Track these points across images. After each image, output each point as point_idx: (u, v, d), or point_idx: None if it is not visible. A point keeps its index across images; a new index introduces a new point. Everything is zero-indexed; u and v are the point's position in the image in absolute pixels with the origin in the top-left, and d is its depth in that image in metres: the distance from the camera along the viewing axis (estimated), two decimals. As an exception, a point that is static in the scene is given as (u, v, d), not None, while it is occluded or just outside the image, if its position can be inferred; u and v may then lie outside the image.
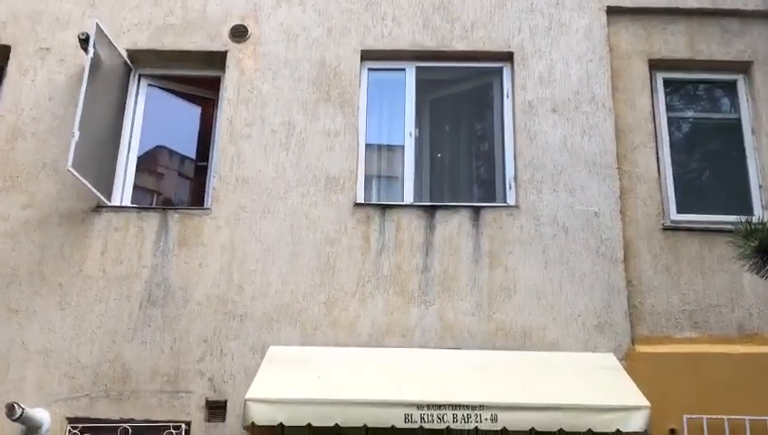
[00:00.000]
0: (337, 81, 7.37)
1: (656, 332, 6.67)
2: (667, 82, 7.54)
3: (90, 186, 6.76)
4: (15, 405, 5.99)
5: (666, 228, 6.95)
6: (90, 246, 6.86)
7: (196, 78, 7.73)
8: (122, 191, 7.25)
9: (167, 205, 7.30)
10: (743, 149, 7.36)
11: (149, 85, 7.63)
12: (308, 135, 7.19)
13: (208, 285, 6.75)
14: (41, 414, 6.29)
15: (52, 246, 6.86)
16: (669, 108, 7.49)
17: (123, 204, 7.19)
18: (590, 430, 5.48)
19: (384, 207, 7.01)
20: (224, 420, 6.35)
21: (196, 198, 7.50)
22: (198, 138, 7.85)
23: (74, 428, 6.34)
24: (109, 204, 7.04)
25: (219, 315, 6.65)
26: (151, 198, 7.68)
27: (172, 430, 6.31)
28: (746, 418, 6.17)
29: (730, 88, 7.58)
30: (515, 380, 6.02)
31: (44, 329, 6.61)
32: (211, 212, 6.97)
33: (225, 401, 6.39)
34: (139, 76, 7.61)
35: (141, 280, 6.76)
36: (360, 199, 7.09)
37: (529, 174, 7.05)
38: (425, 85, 7.63)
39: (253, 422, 5.46)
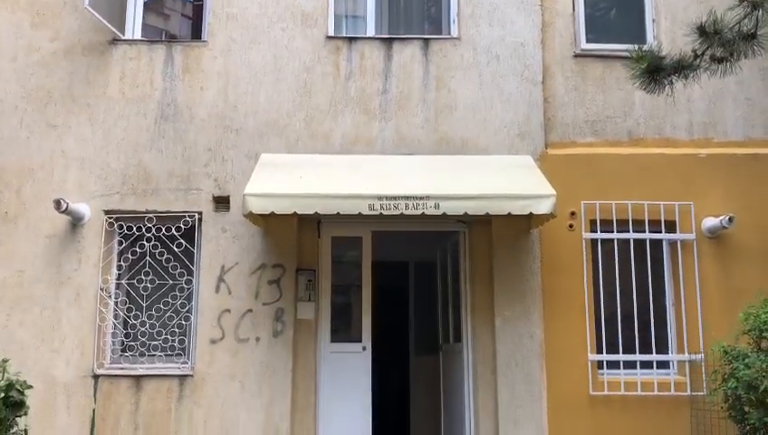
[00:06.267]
0: (309, -71, 7.16)
1: (564, 138, 7.00)
2: (583, -64, 7.36)
3: (105, 22, 6.80)
4: (61, 200, 6.39)
5: (576, 55, 7.14)
6: (110, 72, 6.96)
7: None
8: (133, 27, 7.23)
9: (172, 40, 7.31)
10: (641, -9, 7.34)
11: (151, -65, 7.37)
12: (286, -24, 7.08)
13: (209, 105, 6.92)
14: (82, 208, 6.66)
15: (79, 72, 6.96)
16: (584, -43, 7.34)
17: (135, 38, 7.18)
18: (509, 213, 5.85)
19: (351, 40, 7.08)
20: (228, 210, 6.72)
21: (196, 34, 7.42)
22: (195, -20, 7.62)
23: (110, 217, 6.73)
24: (123, 37, 7.07)
25: (219, 129, 6.87)
26: (159, 35, 7.57)
27: (188, 218, 6.71)
28: (629, 202, 6.72)
29: (633, -61, 7.41)
30: (454, 177, 6.33)
31: (79, 140, 6.84)
32: (207, 44, 7.04)
33: (228, 196, 6.73)
34: (142, -72, 7.31)
35: (154, 101, 6.92)
36: (331, 33, 7.14)
37: (469, 10, 7.14)
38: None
39: (251, 211, 5.77)
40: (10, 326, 6.53)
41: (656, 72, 5.33)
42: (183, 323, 6.71)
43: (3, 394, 4.47)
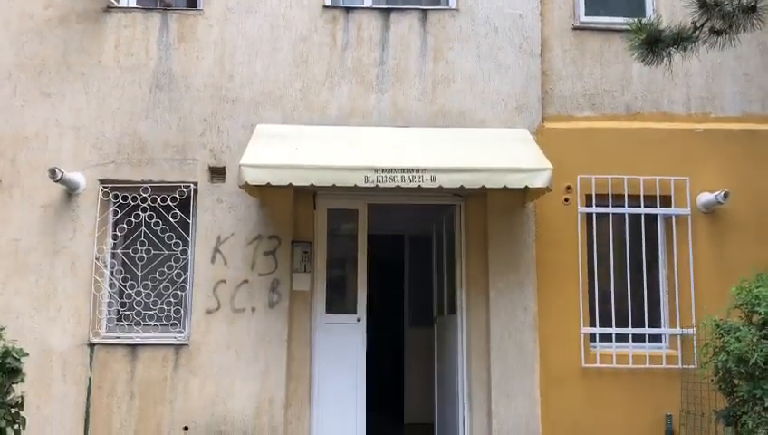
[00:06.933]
0: None
1: (561, 112, 6.95)
2: None
3: (99, -12, 6.71)
4: (56, 169, 6.34)
5: (575, 28, 7.06)
6: (105, 40, 6.87)
7: None
8: (128, -5, 7.13)
9: (167, 8, 7.10)
10: (640, -36, 7.25)
11: None
12: (282, -55, 6.98)
13: (205, 74, 6.86)
14: (77, 177, 6.62)
15: (73, 40, 6.87)
16: (584, -69, 7.23)
17: (130, 5, 7.10)
18: (505, 186, 5.81)
19: (348, 10, 7.00)
20: (223, 181, 6.69)
21: (192, 2, 7.27)
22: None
23: (105, 187, 6.70)
24: (117, 5, 6.99)
25: (215, 99, 6.82)
26: (154, 3, 7.30)
27: (183, 189, 6.69)
28: (625, 176, 6.72)
29: None
30: (451, 149, 6.28)
31: (73, 109, 6.79)
32: (203, 13, 6.96)
33: (224, 167, 6.70)
34: None
35: (149, 70, 6.85)
36: (328, 3, 7.05)
37: (468, -19, 7.03)
38: None
39: (246, 182, 5.75)
40: (5, 295, 6.53)
41: (654, 43, 5.31)
42: (179, 293, 6.71)
43: (-1, 361, 4.48)
